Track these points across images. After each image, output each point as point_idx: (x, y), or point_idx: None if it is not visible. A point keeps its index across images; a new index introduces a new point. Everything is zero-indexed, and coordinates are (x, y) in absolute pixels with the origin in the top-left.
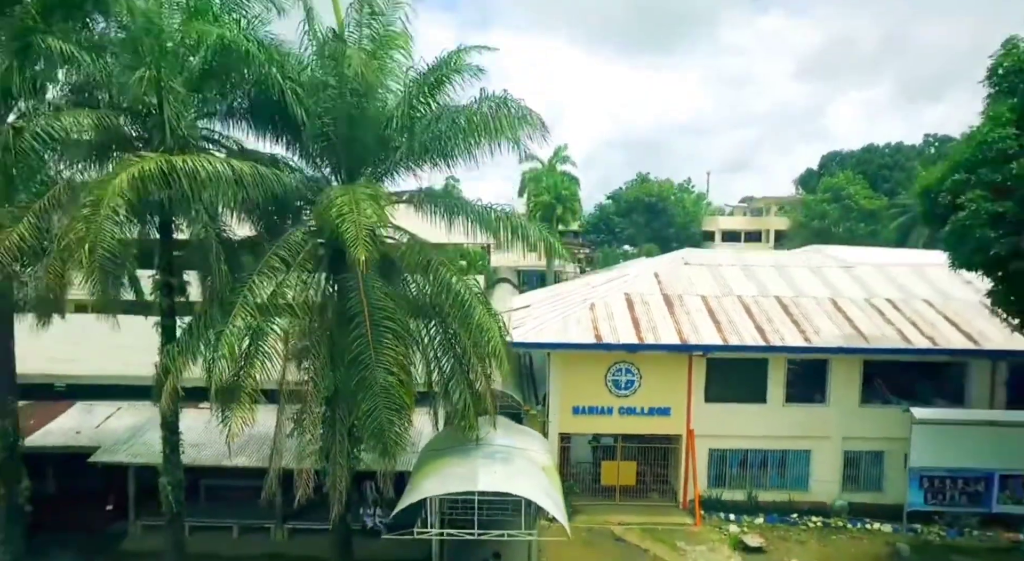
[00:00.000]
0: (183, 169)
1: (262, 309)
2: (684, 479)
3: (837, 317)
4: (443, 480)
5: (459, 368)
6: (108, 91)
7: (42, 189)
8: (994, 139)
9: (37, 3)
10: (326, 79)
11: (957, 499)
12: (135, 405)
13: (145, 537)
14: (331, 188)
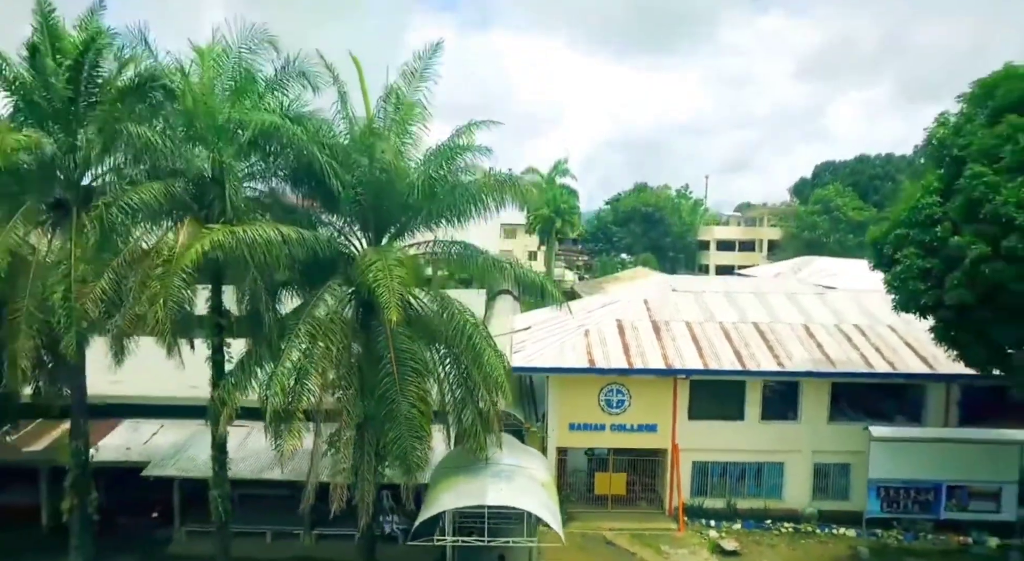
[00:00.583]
0: (243, 238)
1: (305, 352)
2: (669, 489)
3: (808, 342)
4: (457, 495)
5: (469, 397)
6: (172, 163)
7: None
8: (923, 205)
9: (116, 89)
10: (359, 159)
11: (910, 507)
12: (177, 423)
13: (189, 542)
14: (366, 251)
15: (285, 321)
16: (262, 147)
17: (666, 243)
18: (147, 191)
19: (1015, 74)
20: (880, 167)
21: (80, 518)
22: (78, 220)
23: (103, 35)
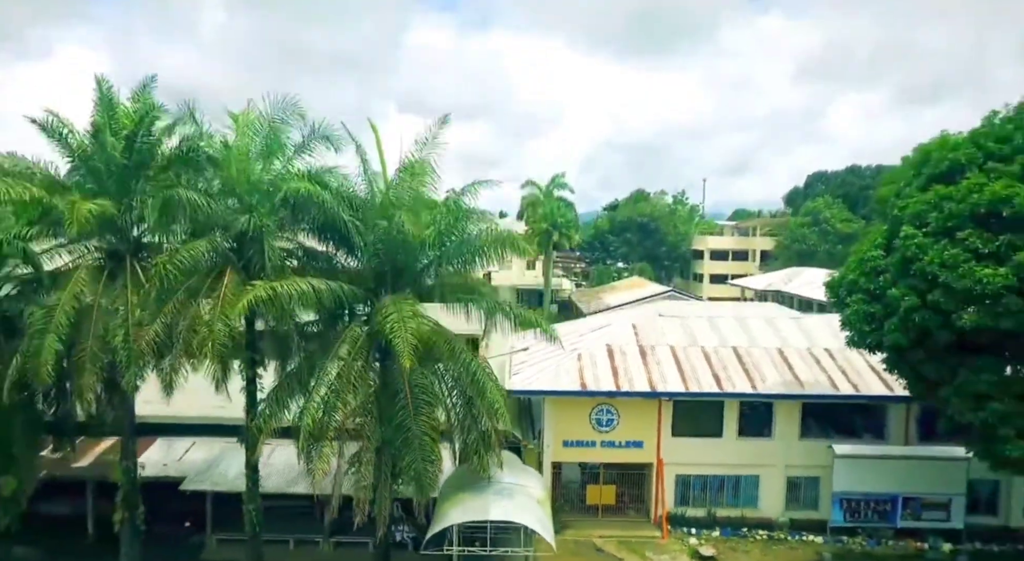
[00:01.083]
0: (281, 292)
1: (331, 387)
2: (655, 499)
3: (781, 366)
4: (463, 511)
5: (473, 422)
6: (214, 221)
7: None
8: (869, 257)
9: (166, 157)
10: (378, 222)
11: (870, 517)
12: (207, 440)
13: (220, 549)
14: (384, 301)
15: (312, 357)
16: (292, 205)
17: (661, 252)
18: (196, 248)
19: (947, 144)
20: (871, 178)
21: (129, 529)
22: (131, 267)
23: (155, 109)
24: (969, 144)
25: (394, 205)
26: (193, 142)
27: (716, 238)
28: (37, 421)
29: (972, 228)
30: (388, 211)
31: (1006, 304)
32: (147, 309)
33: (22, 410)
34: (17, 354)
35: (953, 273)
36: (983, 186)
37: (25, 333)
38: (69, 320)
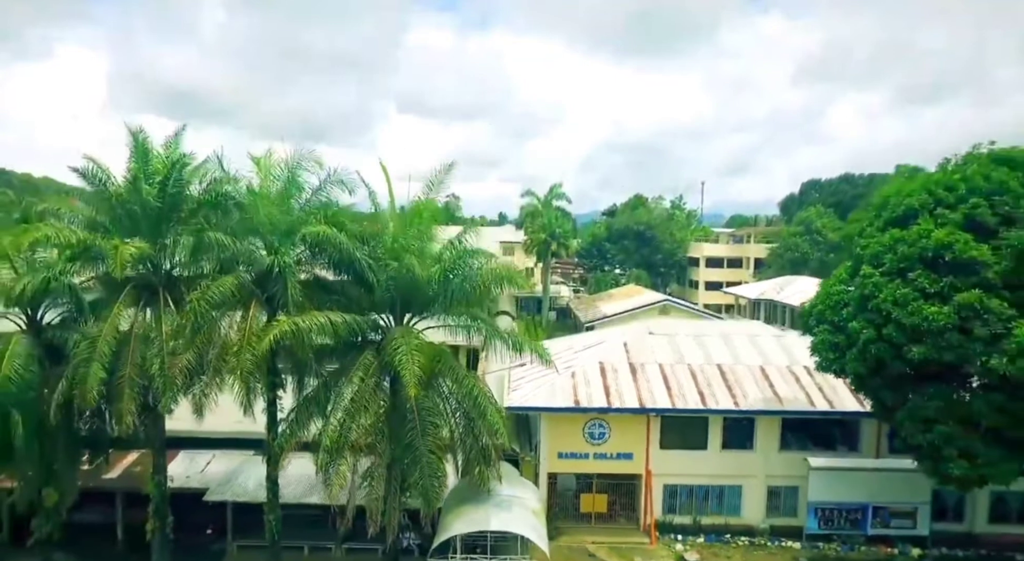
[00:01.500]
0: (303, 327)
1: (346, 410)
2: (644, 508)
3: (763, 383)
4: (466, 522)
5: (474, 440)
6: (239, 259)
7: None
8: (834, 292)
9: (197, 202)
10: (389, 262)
11: (842, 524)
12: (226, 453)
13: (240, 555)
14: (393, 334)
15: (328, 381)
16: (311, 244)
17: (657, 260)
18: (224, 284)
19: (903, 191)
20: (863, 186)
21: (160, 538)
22: (164, 299)
23: (184, 158)
24: (922, 191)
25: (404, 247)
26: (220, 186)
27: (711, 246)
28: (77, 438)
29: (921, 270)
30: (398, 252)
31: (948, 339)
32: (180, 338)
33: (64, 428)
34: (62, 379)
35: (904, 310)
36: (930, 232)
37: (68, 360)
38: (111, 349)
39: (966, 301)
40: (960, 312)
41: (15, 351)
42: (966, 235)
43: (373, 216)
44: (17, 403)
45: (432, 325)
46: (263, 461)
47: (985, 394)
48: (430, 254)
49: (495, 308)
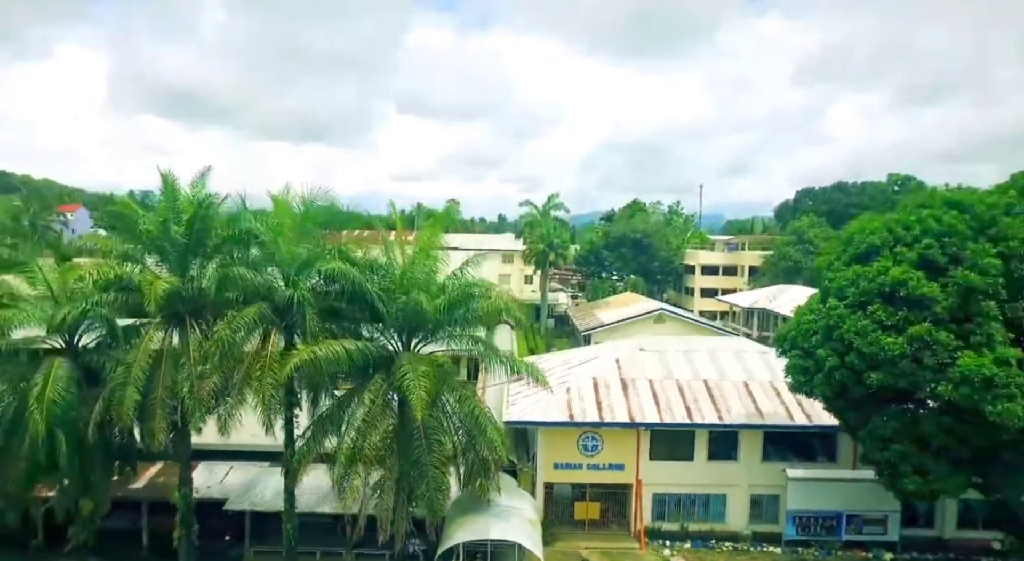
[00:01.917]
0: (320, 355)
1: (359, 430)
2: (634, 515)
3: (746, 398)
4: (468, 531)
5: (476, 455)
6: (260, 291)
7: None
8: (804, 320)
9: (221, 238)
10: (398, 296)
11: (818, 531)
12: (242, 464)
13: (258, 558)
14: (401, 359)
15: (341, 401)
16: (327, 277)
17: (654, 267)
18: (247, 315)
19: (866, 229)
20: (856, 194)
21: (186, 544)
22: (191, 326)
23: (210, 198)
24: (883, 229)
25: (412, 283)
26: (242, 224)
27: (706, 254)
28: (111, 453)
29: (879, 303)
30: (407, 287)
31: (902, 367)
32: (208, 363)
33: (100, 444)
34: (99, 400)
35: (864, 340)
36: (888, 269)
37: (103, 381)
38: (144, 374)
39: (917, 333)
40: (912, 343)
41: (57, 375)
42: (919, 273)
43: (384, 247)
44: (61, 423)
45: (437, 349)
46: (281, 473)
47: (935, 417)
48: (436, 286)
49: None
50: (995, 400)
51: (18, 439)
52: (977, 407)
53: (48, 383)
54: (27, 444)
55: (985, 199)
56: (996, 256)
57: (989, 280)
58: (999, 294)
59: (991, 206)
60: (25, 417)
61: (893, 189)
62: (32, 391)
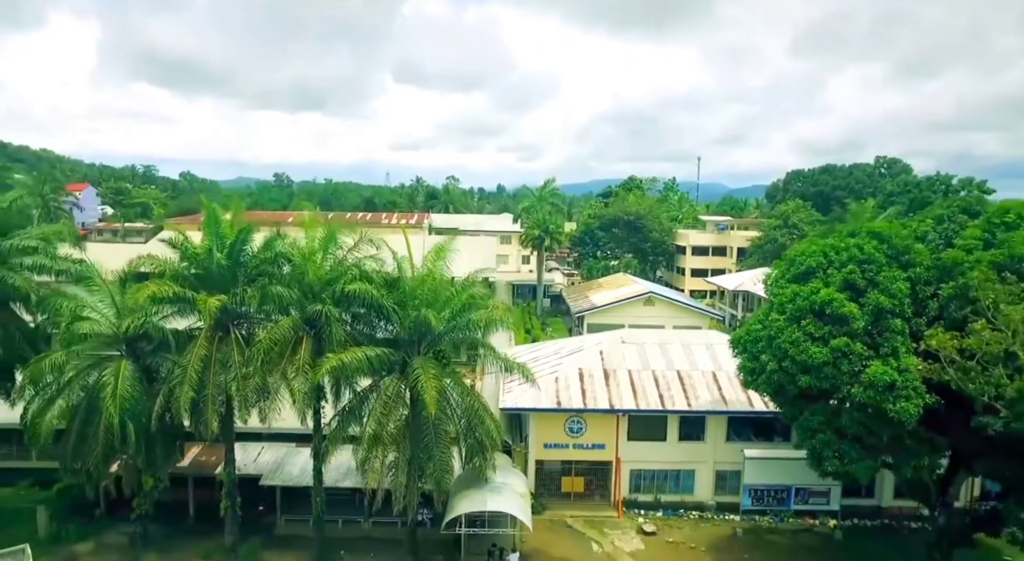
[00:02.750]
0: (347, 361)
1: (378, 420)
2: (614, 488)
3: (712, 387)
4: (468, 503)
5: (474, 440)
6: (292, 305)
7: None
8: (752, 328)
9: (259, 260)
10: (411, 311)
11: (771, 502)
12: (272, 445)
13: (288, 526)
14: (414, 360)
15: (361, 395)
16: (349, 295)
17: (647, 247)
18: (283, 325)
19: (806, 252)
20: (843, 178)
21: (231, 514)
22: (234, 335)
23: (249, 226)
24: (819, 254)
25: (420, 301)
26: (276, 248)
27: (697, 235)
28: (168, 437)
29: (811, 318)
30: (417, 306)
31: (825, 372)
32: (251, 366)
33: (160, 432)
34: (159, 396)
35: (796, 349)
36: (819, 290)
37: (159, 379)
38: (197, 375)
39: (838, 345)
40: (834, 353)
41: (124, 375)
42: (842, 295)
43: (396, 267)
44: (129, 414)
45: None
46: (310, 455)
47: (850, 412)
48: (442, 300)
49: (492, 349)
50: (895, 400)
51: (93, 428)
52: (881, 406)
53: (118, 381)
54: (102, 431)
55: (901, 231)
56: (906, 280)
57: (896, 302)
58: (904, 313)
59: (905, 238)
60: (99, 409)
61: (880, 171)
62: (105, 388)
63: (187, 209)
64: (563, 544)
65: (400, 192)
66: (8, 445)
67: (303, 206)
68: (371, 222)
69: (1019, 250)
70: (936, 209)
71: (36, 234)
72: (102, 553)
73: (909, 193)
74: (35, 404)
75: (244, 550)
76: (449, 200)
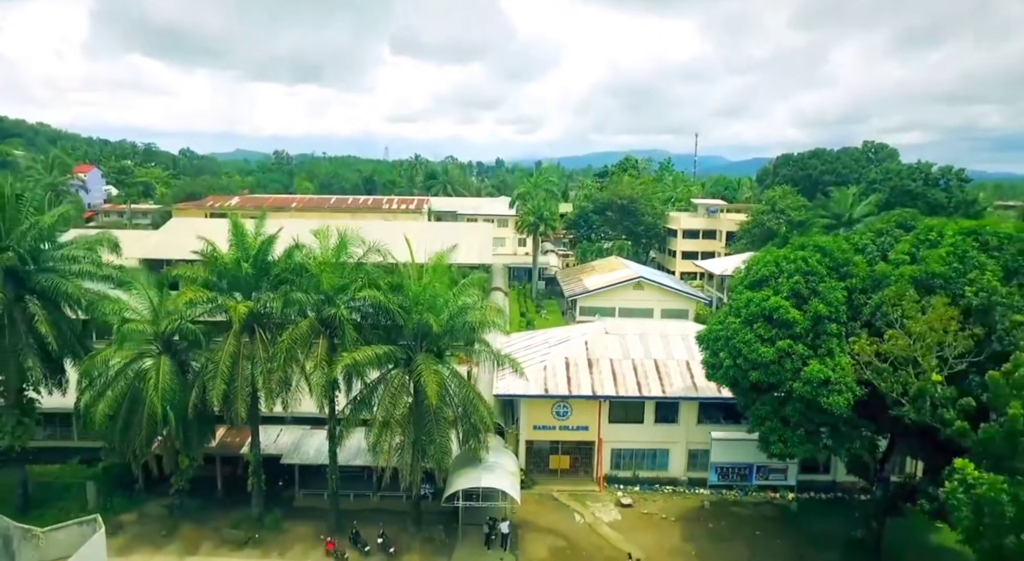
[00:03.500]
0: (359, 359)
1: (386, 408)
2: (596, 465)
3: (686, 375)
4: (465, 480)
5: (469, 425)
6: (310, 309)
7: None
8: (712, 328)
9: (281, 269)
10: (413, 316)
11: (735, 478)
12: (289, 427)
13: (305, 499)
14: (418, 356)
15: (371, 386)
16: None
17: (640, 231)
18: (303, 327)
19: (759, 262)
20: (831, 162)
21: (257, 489)
22: (259, 333)
23: (270, 238)
24: (772, 264)
25: (422, 307)
26: (295, 257)
27: (687, 218)
28: (202, 422)
29: (761, 322)
30: (419, 311)
31: (771, 370)
32: (275, 361)
33: (195, 418)
34: (194, 387)
35: (748, 349)
36: (769, 297)
37: (192, 372)
38: (227, 370)
39: (783, 346)
40: (779, 352)
41: (164, 369)
42: (788, 302)
43: (402, 272)
44: (169, 403)
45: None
46: (326, 437)
47: (792, 403)
48: (442, 304)
49: (491, 283)
50: (829, 394)
51: (137, 415)
52: (817, 399)
53: (159, 375)
54: (146, 417)
55: (843, 245)
56: (844, 289)
57: (832, 309)
58: (840, 319)
59: (845, 251)
60: (142, 399)
61: (868, 156)
62: (148, 381)
63: (192, 193)
64: (549, 515)
65: (400, 170)
66: (54, 427)
67: (304, 187)
68: (372, 207)
69: (933, 267)
70: (876, 223)
71: (82, 244)
72: (144, 522)
73: (890, 181)
74: (88, 394)
75: (269, 520)
76: (448, 180)
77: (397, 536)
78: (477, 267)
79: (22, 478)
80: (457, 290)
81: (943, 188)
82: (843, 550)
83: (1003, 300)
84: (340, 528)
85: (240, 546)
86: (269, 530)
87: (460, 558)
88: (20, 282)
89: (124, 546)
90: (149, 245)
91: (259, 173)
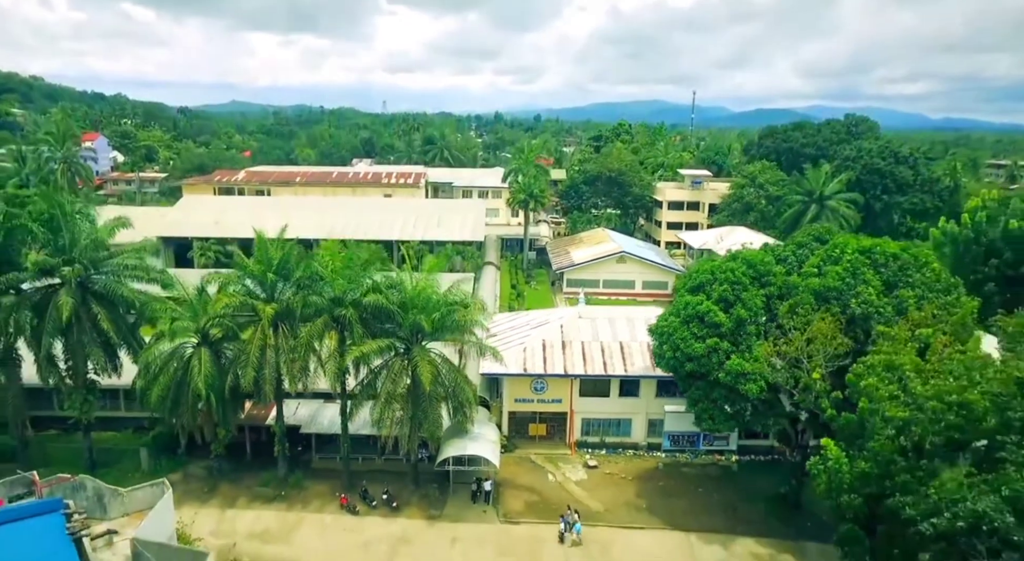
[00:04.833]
0: (367, 351)
1: (387, 389)
2: (568, 432)
3: (647, 355)
4: (454, 448)
5: (458, 403)
6: (323, 308)
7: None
8: (660, 324)
9: (299, 276)
10: (409, 316)
11: (684, 444)
12: (306, 401)
13: (321, 462)
14: (414, 348)
15: (376, 371)
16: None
17: (627, 202)
18: (319, 323)
19: (700, 269)
20: (813, 134)
21: (282, 454)
22: (282, 327)
23: (291, 247)
24: (708, 272)
25: (416, 308)
26: (314, 271)
27: (673, 190)
28: (236, 400)
29: (696, 322)
30: (414, 312)
31: (702, 361)
32: (297, 352)
33: (231, 398)
34: (230, 373)
35: (684, 344)
36: (703, 301)
37: (227, 359)
38: (256, 359)
39: (711, 343)
40: (708, 348)
41: (204, 359)
42: (717, 306)
43: (399, 277)
44: (210, 386)
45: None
46: (339, 412)
47: (719, 389)
48: (432, 306)
49: (483, 258)
50: (746, 382)
51: (184, 395)
52: (737, 386)
53: (201, 364)
54: (191, 397)
55: (766, 257)
56: (763, 296)
57: (752, 313)
58: (758, 321)
59: (767, 264)
60: (187, 382)
61: (849, 129)
62: (193, 369)
63: (199, 165)
64: (526, 475)
65: (398, 132)
66: (105, 400)
67: (306, 154)
68: (372, 181)
69: (830, 282)
70: (797, 236)
71: (132, 253)
72: (189, 481)
73: (861, 159)
74: (144, 379)
75: (292, 479)
76: (446, 145)
77: (399, 493)
78: (470, 244)
79: (88, 444)
80: (446, 294)
81: (911, 166)
82: (769, 503)
83: (878, 311)
84: (351, 486)
85: (270, 501)
86: (292, 488)
87: (451, 511)
88: (84, 287)
89: (175, 501)
90: (165, 223)
91: (258, 134)
